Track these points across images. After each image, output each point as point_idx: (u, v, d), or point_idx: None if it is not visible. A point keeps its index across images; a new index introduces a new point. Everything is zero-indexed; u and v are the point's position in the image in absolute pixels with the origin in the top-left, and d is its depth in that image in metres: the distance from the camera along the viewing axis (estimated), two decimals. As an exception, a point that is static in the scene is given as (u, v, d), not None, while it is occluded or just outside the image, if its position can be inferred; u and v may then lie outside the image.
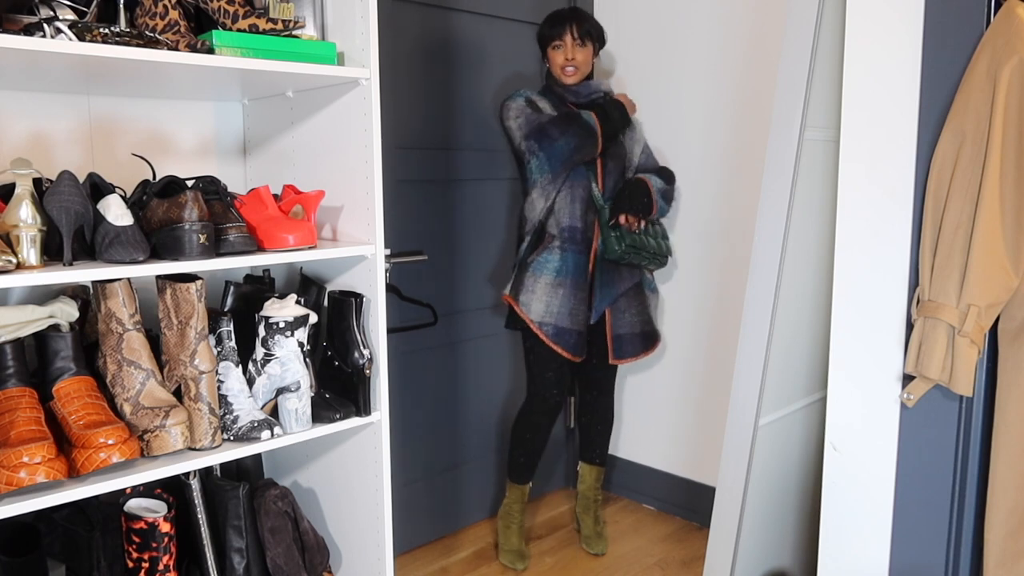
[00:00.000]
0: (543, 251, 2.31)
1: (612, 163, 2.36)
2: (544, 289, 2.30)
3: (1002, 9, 1.42)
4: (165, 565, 1.52)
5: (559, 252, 2.30)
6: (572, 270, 2.30)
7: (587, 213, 2.32)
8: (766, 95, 2.42)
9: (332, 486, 1.79)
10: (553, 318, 2.30)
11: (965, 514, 1.56)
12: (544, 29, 2.33)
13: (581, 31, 2.29)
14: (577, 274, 2.31)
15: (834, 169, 1.91)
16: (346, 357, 1.61)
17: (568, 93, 2.33)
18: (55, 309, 1.42)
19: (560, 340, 2.31)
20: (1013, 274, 1.44)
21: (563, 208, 2.30)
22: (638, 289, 2.43)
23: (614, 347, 2.40)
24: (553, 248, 2.31)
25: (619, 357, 2.41)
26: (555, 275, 2.30)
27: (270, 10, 1.47)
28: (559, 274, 2.30)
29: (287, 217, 1.53)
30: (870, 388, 1.65)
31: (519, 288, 2.33)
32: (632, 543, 2.60)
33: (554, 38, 2.30)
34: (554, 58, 2.32)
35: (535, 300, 2.30)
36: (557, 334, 2.30)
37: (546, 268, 2.30)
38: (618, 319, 2.40)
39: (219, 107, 1.87)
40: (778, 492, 2.00)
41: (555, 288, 2.30)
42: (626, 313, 2.41)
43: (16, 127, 1.60)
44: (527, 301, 2.31)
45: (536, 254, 2.32)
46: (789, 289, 1.85)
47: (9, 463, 1.20)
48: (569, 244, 2.30)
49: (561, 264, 2.30)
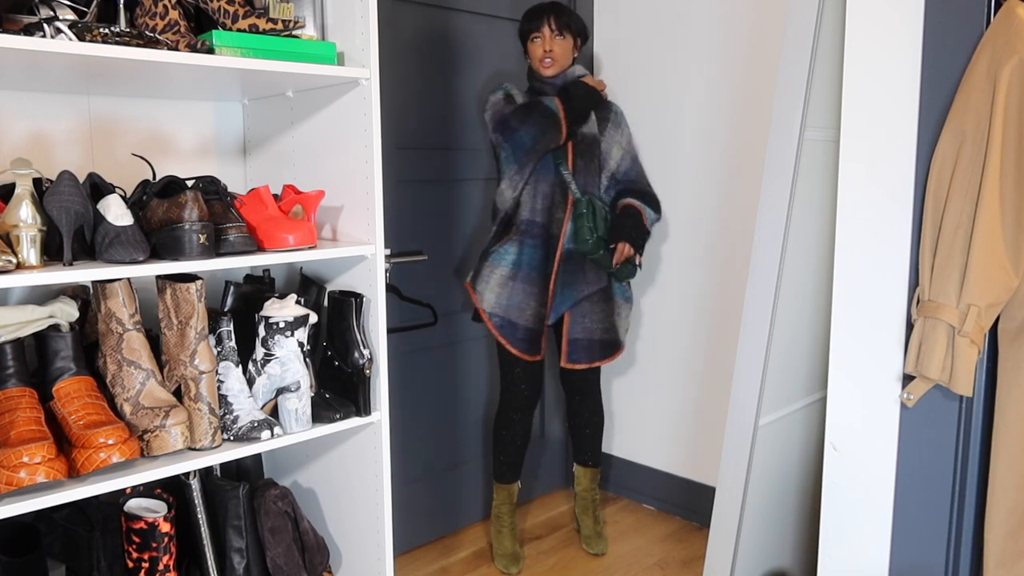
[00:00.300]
0: (505, 242, 2.29)
1: (582, 161, 2.31)
2: (498, 280, 2.28)
3: (1002, 9, 1.42)
4: (165, 565, 1.52)
5: (517, 245, 2.28)
6: (526, 264, 2.27)
7: (552, 208, 2.28)
8: (766, 95, 2.42)
9: (332, 486, 1.79)
10: (502, 310, 2.28)
11: (965, 514, 1.56)
12: (523, 23, 2.32)
13: (559, 23, 2.27)
14: (531, 269, 2.28)
15: (834, 169, 1.91)
16: (346, 357, 1.61)
17: (545, 85, 2.32)
18: (55, 309, 1.42)
19: (507, 333, 2.29)
20: (1013, 274, 1.44)
21: (525, 202, 2.28)
22: (605, 295, 2.36)
23: (568, 350, 2.34)
24: (513, 240, 2.28)
25: (571, 362, 2.35)
26: (510, 267, 2.28)
27: (270, 10, 1.47)
28: (514, 267, 2.28)
29: (287, 217, 1.53)
30: (870, 388, 1.65)
31: (477, 277, 2.32)
32: (632, 543, 2.60)
33: (532, 30, 2.28)
34: (533, 51, 2.30)
35: (488, 290, 2.29)
36: (503, 327, 2.28)
37: (503, 260, 2.29)
38: (576, 323, 2.34)
39: (219, 107, 1.87)
40: (778, 492, 2.00)
41: (508, 280, 2.28)
42: (587, 318, 2.34)
43: (16, 127, 1.60)
44: (482, 290, 2.30)
45: (498, 245, 2.30)
46: (789, 289, 1.85)
47: (9, 463, 1.20)
48: (527, 238, 2.28)
49: (517, 257, 2.28)
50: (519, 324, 2.29)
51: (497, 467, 2.45)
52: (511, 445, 2.42)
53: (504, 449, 2.43)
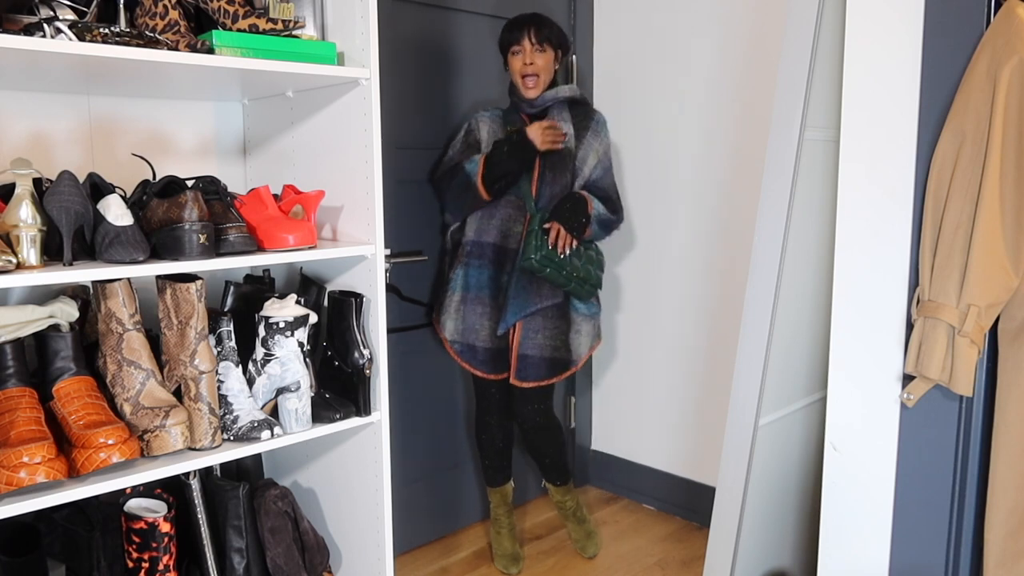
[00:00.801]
0: (455, 267, 2.29)
1: (551, 173, 2.23)
2: (455, 307, 2.27)
3: (1002, 9, 1.42)
4: (165, 565, 1.52)
5: (463, 268, 2.26)
6: (474, 286, 2.25)
7: (508, 224, 2.23)
8: (766, 95, 2.42)
9: (332, 486, 1.79)
10: (460, 335, 2.27)
11: (965, 514, 1.56)
12: (503, 35, 2.26)
13: (539, 36, 2.19)
14: (479, 289, 2.24)
15: (834, 169, 1.91)
16: (346, 357, 1.61)
17: (524, 104, 2.27)
18: (55, 309, 1.42)
19: (467, 358, 2.28)
20: (1013, 274, 1.44)
21: (471, 223, 2.26)
22: (560, 311, 2.27)
23: (517, 366, 2.26)
24: (460, 264, 2.27)
25: (520, 379, 2.27)
26: (462, 291, 2.26)
27: (270, 10, 1.47)
28: (464, 289, 2.26)
29: (287, 217, 1.53)
30: (870, 388, 1.65)
31: (440, 308, 2.32)
32: (632, 543, 2.60)
33: (512, 43, 2.22)
34: (513, 65, 2.24)
35: (448, 319, 2.29)
36: (463, 352, 2.28)
37: (454, 285, 2.28)
38: (527, 338, 2.25)
39: (219, 107, 1.87)
40: (778, 492, 2.00)
41: (460, 304, 2.26)
42: (539, 334, 2.25)
43: (16, 127, 1.60)
44: (444, 320, 2.30)
45: (450, 271, 2.30)
46: (789, 289, 1.85)
47: (9, 463, 1.20)
48: (471, 259, 2.25)
49: (464, 280, 2.26)
50: (477, 346, 2.26)
51: (486, 471, 2.46)
52: (492, 449, 2.42)
53: (486, 453, 2.43)
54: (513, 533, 2.49)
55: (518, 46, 2.22)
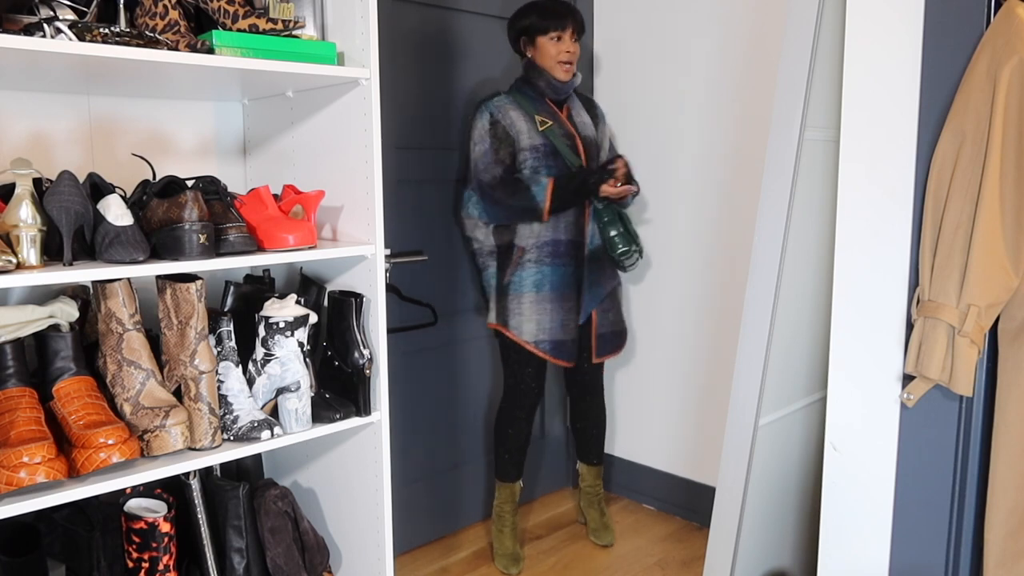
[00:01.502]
0: (516, 269, 2.29)
1: (592, 163, 2.36)
2: (530, 308, 2.29)
3: (1002, 9, 1.42)
4: (165, 565, 1.52)
5: (535, 267, 2.28)
6: (558, 283, 2.29)
7: (578, 219, 2.31)
8: (766, 95, 2.42)
9: (332, 486, 1.79)
10: (547, 334, 2.30)
11: (965, 514, 1.56)
12: (539, 20, 2.25)
13: (580, 28, 2.28)
14: (563, 286, 2.30)
15: (834, 169, 1.91)
16: (346, 357, 1.61)
17: (549, 88, 2.29)
18: (55, 309, 1.42)
19: (558, 353, 2.33)
20: (1013, 274, 1.44)
21: (544, 224, 2.27)
22: (614, 289, 2.46)
23: (598, 345, 2.43)
24: (526, 264, 2.28)
25: (600, 355, 2.45)
26: (536, 291, 2.28)
27: (270, 10, 1.47)
28: (540, 289, 2.28)
29: (287, 217, 1.53)
30: (870, 388, 1.65)
31: (505, 314, 2.32)
32: (632, 543, 2.60)
33: (555, 29, 2.24)
34: (549, 49, 2.25)
35: (525, 321, 2.29)
36: (554, 348, 2.32)
37: (524, 286, 2.29)
38: (602, 319, 2.42)
39: (219, 107, 1.87)
40: (778, 492, 2.00)
41: (540, 304, 2.29)
42: (609, 312, 2.44)
43: (16, 127, 1.60)
44: (517, 324, 2.30)
45: (510, 275, 2.30)
46: (789, 289, 1.85)
47: (9, 463, 1.20)
48: (551, 258, 2.28)
49: (540, 278, 2.28)
50: (566, 340, 2.33)
51: (500, 466, 2.45)
52: (515, 443, 2.43)
53: (508, 448, 2.43)
54: (515, 533, 2.49)
55: (561, 33, 2.25)
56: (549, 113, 2.30)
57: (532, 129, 2.26)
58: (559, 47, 2.25)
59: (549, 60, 2.27)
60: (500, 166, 2.24)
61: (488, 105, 2.28)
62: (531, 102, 2.29)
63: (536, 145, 2.26)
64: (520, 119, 2.27)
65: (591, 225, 2.34)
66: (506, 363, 2.39)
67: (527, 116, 2.28)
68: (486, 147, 2.25)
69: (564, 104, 2.36)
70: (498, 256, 2.34)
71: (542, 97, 2.31)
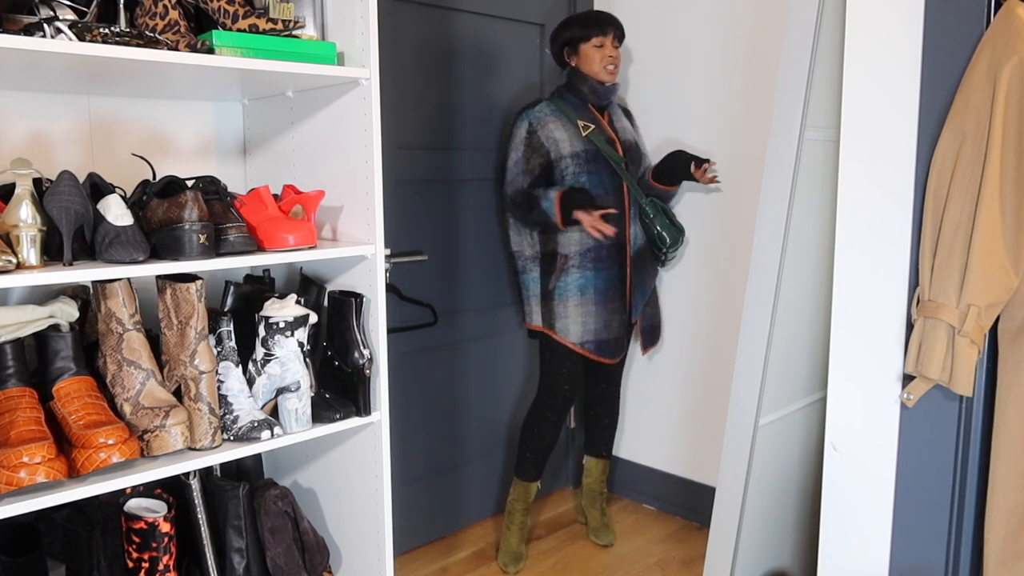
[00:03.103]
0: (560, 275, 2.36)
1: (633, 165, 2.43)
2: (576, 311, 2.36)
3: (1002, 9, 1.42)
4: (165, 565, 1.52)
5: (577, 272, 2.34)
6: (602, 287, 2.36)
7: (618, 223, 2.36)
8: (766, 95, 2.42)
9: (332, 486, 1.79)
10: (592, 335, 2.38)
11: (965, 514, 1.56)
12: (583, 29, 2.35)
13: (620, 36, 2.38)
14: (608, 289, 2.37)
15: (834, 169, 1.91)
16: (346, 357, 1.61)
17: (592, 93, 2.37)
18: (55, 309, 1.42)
19: (602, 351, 2.40)
20: (1013, 274, 1.44)
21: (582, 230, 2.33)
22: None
23: (644, 339, 2.55)
24: (570, 269, 2.35)
25: (646, 349, 2.57)
26: (580, 294, 2.35)
27: (270, 10, 1.47)
28: (583, 292, 2.35)
29: (287, 217, 1.53)
30: (870, 388, 1.65)
31: (552, 317, 2.38)
32: (632, 543, 2.60)
33: (598, 35, 2.34)
34: (593, 55, 2.34)
35: (571, 323, 2.37)
36: (599, 347, 2.39)
37: (569, 290, 2.35)
38: (645, 313, 2.53)
39: (219, 107, 1.87)
40: (778, 492, 2.00)
41: (584, 307, 2.36)
42: (649, 307, 2.53)
43: (16, 127, 1.60)
44: (563, 327, 2.37)
45: (555, 280, 2.37)
46: (789, 289, 1.85)
47: (9, 463, 1.20)
48: (592, 264, 2.34)
49: (584, 283, 2.35)
50: (609, 339, 2.40)
51: (521, 463, 2.48)
52: (541, 443, 2.46)
53: (533, 446, 2.46)
54: (523, 532, 2.51)
55: (603, 39, 2.35)
56: (591, 118, 2.37)
57: (574, 136, 2.33)
58: (603, 52, 2.35)
59: (594, 65, 2.35)
60: (528, 176, 2.33)
61: (528, 114, 2.36)
62: (574, 109, 2.37)
63: (577, 152, 2.32)
64: (560, 128, 2.34)
65: (634, 227, 2.40)
66: (544, 364, 2.44)
67: (569, 123, 2.35)
68: (519, 156, 2.35)
69: (605, 110, 2.42)
70: (542, 262, 2.40)
71: (585, 103, 2.39)
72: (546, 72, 2.73)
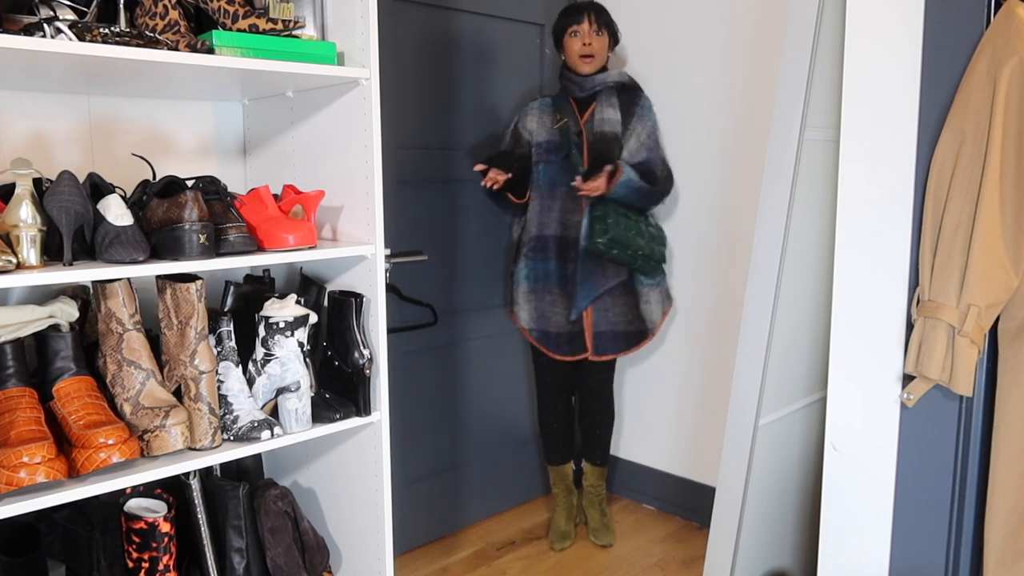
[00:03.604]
0: (518, 261, 2.45)
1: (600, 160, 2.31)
2: (524, 297, 2.44)
3: (1002, 9, 1.42)
4: (165, 565, 1.52)
5: (525, 261, 2.42)
6: (542, 277, 2.40)
7: (566, 215, 2.36)
8: (766, 95, 2.42)
9: (332, 486, 1.79)
10: (535, 323, 2.44)
11: (965, 514, 1.56)
12: (560, 20, 2.37)
13: (599, 19, 2.33)
14: (547, 280, 2.40)
15: (834, 169, 1.91)
16: (346, 357, 1.61)
17: (574, 85, 2.37)
18: (55, 309, 1.42)
19: (545, 342, 2.44)
20: (1013, 274, 1.44)
21: (532, 219, 2.40)
22: (626, 288, 2.40)
23: (594, 343, 2.42)
24: (521, 257, 2.44)
25: (598, 354, 2.43)
26: (526, 282, 2.43)
27: (270, 10, 1.47)
28: (528, 280, 2.42)
29: (287, 217, 1.53)
30: (870, 388, 1.65)
31: (511, 300, 2.51)
32: (632, 543, 2.60)
33: (571, 24, 2.33)
34: (571, 45, 2.34)
35: (521, 309, 2.46)
36: (541, 337, 2.45)
37: (520, 278, 2.44)
38: (600, 317, 2.40)
39: (219, 107, 1.87)
40: (778, 492, 2.00)
41: (530, 295, 2.43)
42: (609, 312, 2.40)
43: (16, 127, 1.60)
44: (518, 311, 2.47)
45: (514, 266, 2.48)
46: (789, 289, 1.85)
47: (9, 463, 1.20)
48: (535, 253, 2.40)
49: (528, 272, 2.42)
50: (551, 331, 2.43)
51: (545, 449, 2.63)
52: (547, 428, 2.59)
53: (544, 432, 2.60)
54: (569, 513, 2.62)
55: (578, 27, 2.33)
56: (569, 112, 2.39)
57: (544, 127, 2.39)
58: (578, 40, 2.33)
59: (572, 56, 2.35)
60: None
61: (521, 109, 2.47)
62: (560, 103, 2.41)
63: (541, 142, 2.39)
64: (536, 120, 2.41)
65: (585, 221, 2.32)
66: (533, 358, 2.57)
67: (551, 117, 2.40)
68: (505, 144, 2.49)
69: (591, 102, 2.39)
70: (516, 248, 2.51)
71: (567, 96, 2.41)
72: (546, 72, 2.73)
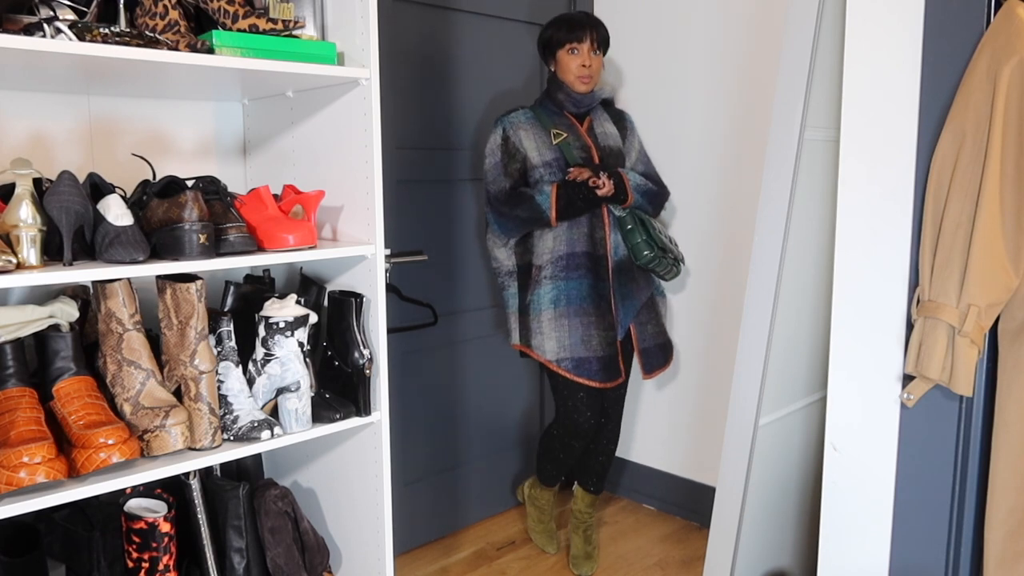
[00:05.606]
0: (534, 288, 2.23)
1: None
2: (549, 325, 2.21)
3: (1002, 9, 1.42)
4: (165, 565, 1.52)
5: (552, 283, 2.21)
6: (575, 297, 2.20)
7: (595, 231, 2.22)
8: (766, 95, 2.42)
9: (332, 486, 1.79)
10: (567, 351, 2.21)
11: (965, 514, 1.56)
12: (556, 33, 2.23)
13: (599, 39, 2.23)
14: (582, 300, 2.21)
15: (834, 169, 1.91)
16: (346, 357, 1.61)
17: (569, 101, 2.25)
18: (55, 309, 1.42)
19: (581, 371, 2.21)
20: (1013, 274, 1.44)
21: (560, 237, 2.21)
22: (651, 299, 2.33)
23: (643, 362, 2.31)
24: (543, 281, 2.22)
25: (648, 372, 2.32)
26: (552, 308, 2.21)
27: (270, 10, 1.47)
28: (556, 304, 2.21)
29: (287, 217, 1.53)
30: (870, 388, 1.65)
31: (527, 333, 2.26)
32: (632, 543, 2.60)
33: (571, 42, 2.20)
34: (568, 63, 2.22)
35: (546, 340, 2.22)
36: (577, 366, 2.21)
37: (542, 303, 2.22)
38: (642, 332, 2.30)
39: (219, 107, 1.87)
40: (778, 492, 2.00)
41: (557, 320, 2.21)
42: (647, 325, 2.31)
43: (16, 127, 1.60)
44: (539, 344, 2.23)
45: (529, 293, 2.25)
46: (789, 289, 1.85)
47: (9, 463, 1.20)
48: (566, 272, 2.20)
49: (557, 294, 2.21)
50: (590, 356, 2.21)
51: (543, 472, 2.47)
52: (563, 465, 2.40)
53: (554, 463, 2.41)
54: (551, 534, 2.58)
55: (578, 45, 2.21)
56: (566, 126, 2.26)
57: (544, 144, 2.22)
58: (576, 60, 2.21)
59: (568, 74, 2.23)
60: (509, 179, 2.22)
61: (503, 120, 2.26)
62: (549, 116, 2.27)
63: (548, 160, 2.20)
64: (532, 136, 2.23)
65: (614, 236, 2.24)
66: (555, 390, 2.31)
67: (542, 131, 2.24)
68: (496, 160, 2.24)
69: (587, 116, 2.31)
70: (519, 276, 2.28)
71: (561, 110, 2.28)
72: (546, 72, 2.73)
